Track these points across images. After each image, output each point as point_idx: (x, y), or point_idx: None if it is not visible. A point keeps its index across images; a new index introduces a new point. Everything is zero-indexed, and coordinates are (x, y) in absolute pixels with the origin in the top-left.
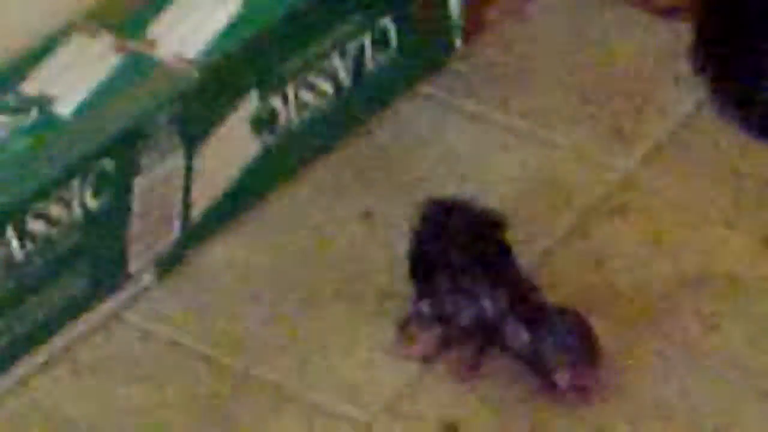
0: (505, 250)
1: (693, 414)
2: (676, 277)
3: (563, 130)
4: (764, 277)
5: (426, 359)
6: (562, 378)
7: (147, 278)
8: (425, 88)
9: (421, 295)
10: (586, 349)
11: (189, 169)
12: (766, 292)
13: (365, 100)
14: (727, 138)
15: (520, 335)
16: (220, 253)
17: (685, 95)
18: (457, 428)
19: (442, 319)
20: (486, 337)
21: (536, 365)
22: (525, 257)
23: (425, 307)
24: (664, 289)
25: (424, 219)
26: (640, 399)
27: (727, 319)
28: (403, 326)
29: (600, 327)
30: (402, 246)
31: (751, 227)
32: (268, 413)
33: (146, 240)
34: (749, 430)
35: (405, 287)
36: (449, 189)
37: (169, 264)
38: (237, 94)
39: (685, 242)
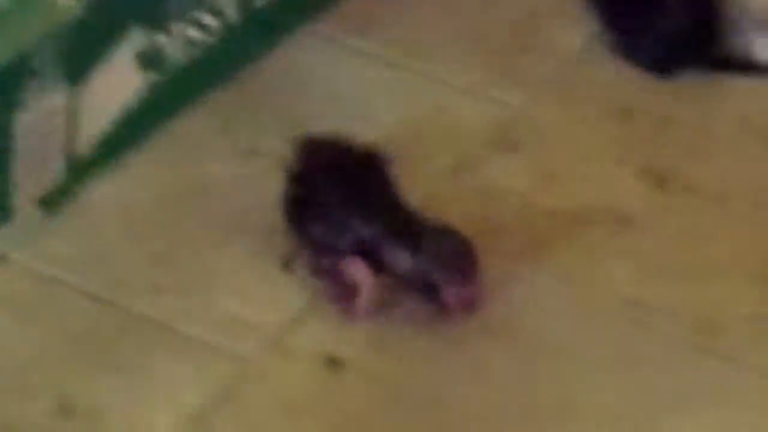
0: (383, 183)
1: (576, 348)
2: (563, 213)
3: (453, 68)
4: (651, 213)
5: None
6: (450, 294)
7: (31, 216)
8: (315, 26)
9: (298, 235)
10: (469, 263)
11: (72, 105)
12: (653, 227)
13: (253, 37)
14: (617, 74)
15: (402, 259)
16: (105, 190)
17: (575, 31)
18: (339, 362)
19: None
20: (368, 257)
21: (423, 286)
22: (413, 193)
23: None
24: (550, 224)
25: (300, 157)
26: (523, 333)
27: (613, 255)
28: (286, 262)
29: (486, 261)
30: (283, 181)
31: (641, 163)
32: (151, 350)
33: (30, 177)
34: (633, 364)
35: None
36: (336, 126)
37: (53, 202)
38: (121, 29)
39: (573, 178)
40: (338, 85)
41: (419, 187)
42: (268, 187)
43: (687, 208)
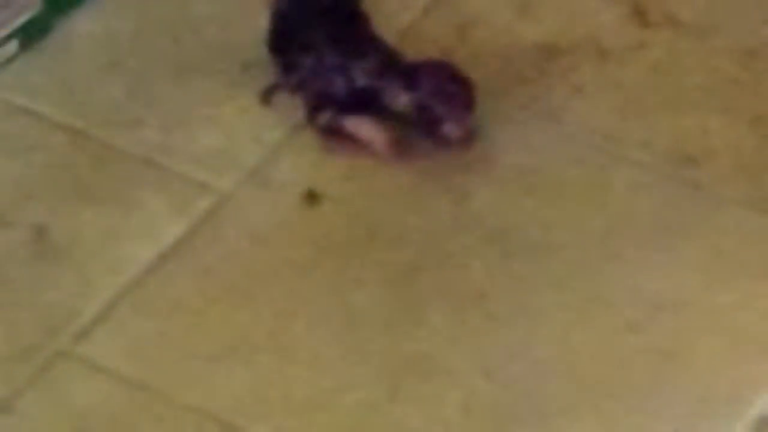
0: (365, 22)
1: (556, 183)
2: (542, 45)
3: None
4: (631, 46)
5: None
6: (451, 128)
7: (10, 48)
8: None
9: (284, 70)
10: (467, 95)
11: None
12: (633, 60)
13: None
14: None
15: (399, 96)
16: (85, 23)
17: None
18: (318, 196)
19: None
20: (362, 104)
21: (422, 121)
22: (389, 30)
23: (293, 80)
24: (529, 57)
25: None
26: (505, 166)
27: (592, 87)
28: (265, 96)
29: None
30: (266, 17)
31: None
32: (129, 183)
33: (9, 9)
34: (612, 197)
35: (267, 57)
36: None
37: (33, 34)
38: None
39: (552, 10)
40: None
41: (394, 25)
42: (248, 19)
43: (666, 40)
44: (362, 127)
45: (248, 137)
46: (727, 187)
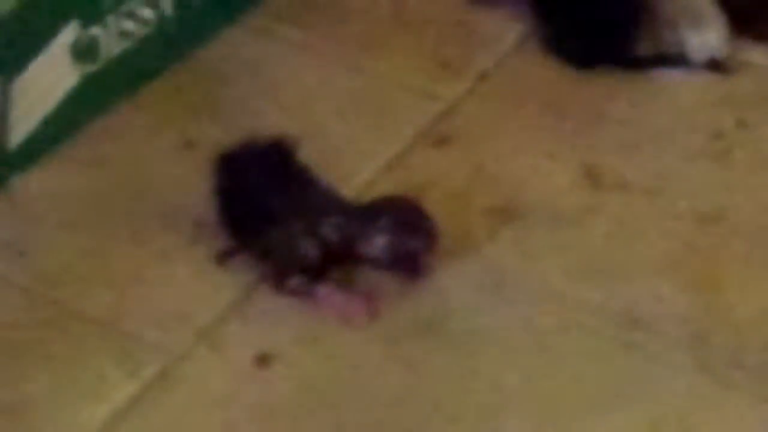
0: (311, 177)
1: (506, 342)
2: (496, 207)
3: (388, 60)
4: (582, 208)
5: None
6: (427, 256)
7: None
8: (249, 17)
9: (244, 242)
10: (433, 225)
11: (6, 96)
12: (585, 224)
13: (189, 28)
14: (551, 70)
15: (373, 240)
16: (39, 182)
17: (510, 27)
18: (269, 358)
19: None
20: (336, 260)
21: (398, 259)
22: (346, 189)
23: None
24: (483, 219)
25: (224, 176)
26: (456, 329)
27: (544, 251)
28: (221, 258)
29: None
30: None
31: (572, 158)
32: (81, 344)
33: None
34: (560, 359)
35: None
36: (271, 119)
37: None
38: (57, 22)
39: (506, 172)
40: (273, 77)
41: (351, 185)
42: (203, 179)
43: (619, 203)
44: (334, 298)
45: (201, 298)
46: (677, 352)
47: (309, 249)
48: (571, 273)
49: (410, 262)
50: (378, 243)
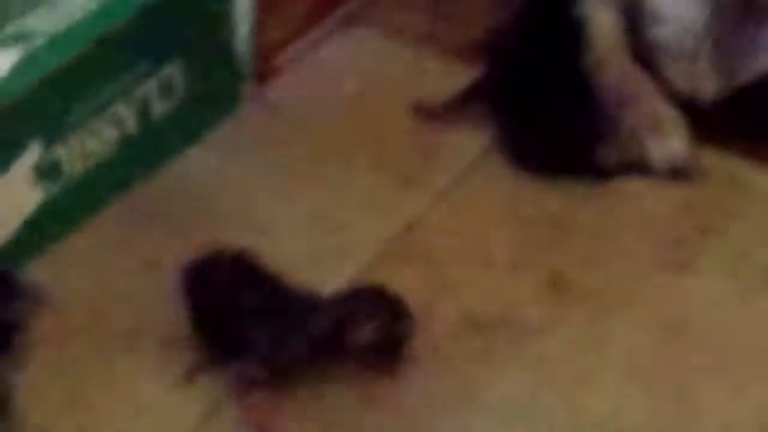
0: (278, 279)
1: None
2: (459, 320)
3: (349, 175)
4: (546, 319)
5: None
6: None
7: None
8: (213, 135)
9: (230, 353)
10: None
11: None
12: (551, 334)
13: (152, 147)
14: (515, 180)
15: (363, 326)
16: None
17: (473, 138)
18: None
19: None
20: (326, 349)
21: (390, 342)
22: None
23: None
24: (446, 332)
25: (192, 287)
26: None
27: (509, 362)
28: (190, 374)
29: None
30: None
31: (535, 269)
32: None
33: None
34: None
35: (188, 333)
36: (235, 238)
37: None
38: (20, 142)
39: (469, 285)
40: (236, 197)
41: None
42: (167, 299)
43: (584, 313)
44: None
45: (168, 415)
46: None
47: (298, 341)
48: (537, 384)
49: (395, 348)
50: (366, 330)
